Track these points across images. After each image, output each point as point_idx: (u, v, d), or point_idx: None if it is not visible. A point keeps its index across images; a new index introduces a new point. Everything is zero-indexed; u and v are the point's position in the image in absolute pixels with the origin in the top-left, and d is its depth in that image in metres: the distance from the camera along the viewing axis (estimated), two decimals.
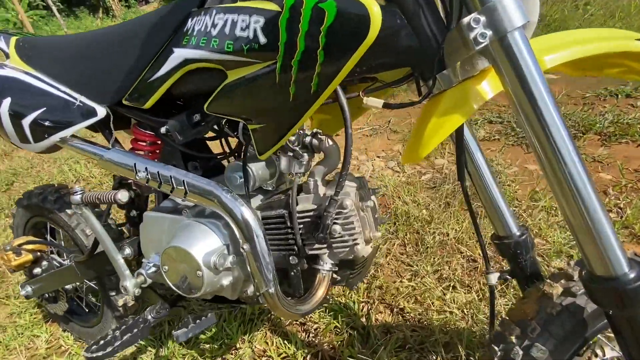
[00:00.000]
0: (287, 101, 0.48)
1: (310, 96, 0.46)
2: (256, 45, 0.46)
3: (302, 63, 0.44)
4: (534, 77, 0.40)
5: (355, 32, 0.41)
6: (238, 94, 0.51)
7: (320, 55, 0.43)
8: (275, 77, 0.46)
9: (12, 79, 0.76)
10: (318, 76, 0.44)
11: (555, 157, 0.41)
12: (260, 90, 0.49)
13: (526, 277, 0.65)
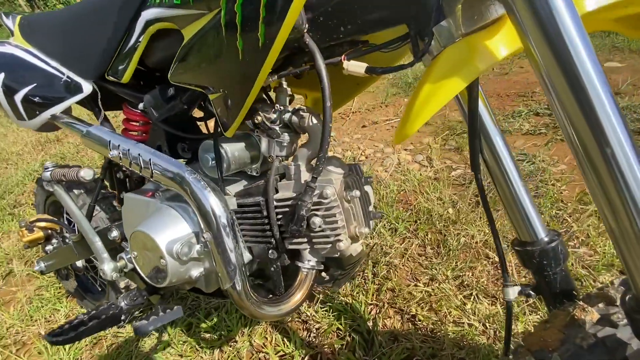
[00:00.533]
0: (237, 59, 0.40)
1: (259, 51, 0.38)
2: None
3: (245, 7, 0.36)
4: (569, 27, 0.28)
5: None
6: (193, 58, 0.45)
7: (262, 9, 0.34)
8: (222, 30, 0.39)
9: (9, 55, 0.75)
10: (264, 26, 0.36)
11: (598, 145, 0.29)
12: (209, 48, 0.42)
13: (554, 294, 0.52)
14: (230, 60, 0.41)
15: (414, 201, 1.54)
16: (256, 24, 0.36)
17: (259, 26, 0.36)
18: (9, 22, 0.86)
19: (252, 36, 0.37)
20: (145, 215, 0.60)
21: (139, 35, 0.52)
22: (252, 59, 0.39)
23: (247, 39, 0.38)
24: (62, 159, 3.17)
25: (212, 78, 0.46)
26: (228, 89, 0.45)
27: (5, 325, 1.36)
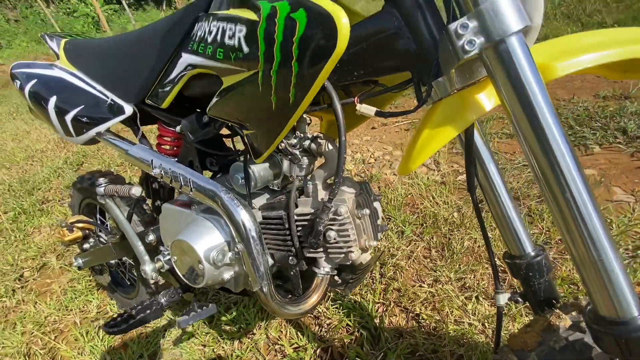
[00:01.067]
0: (271, 109, 0.48)
1: (289, 106, 0.46)
2: (241, 54, 0.47)
3: (279, 74, 0.44)
4: (534, 90, 0.35)
5: (324, 44, 0.39)
6: (231, 100, 0.53)
7: (294, 66, 0.42)
8: (259, 85, 0.47)
9: (59, 79, 0.85)
10: (294, 87, 0.44)
11: (558, 185, 0.37)
12: (247, 97, 0.50)
13: (539, 301, 0.59)
14: (264, 109, 0.49)
15: (420, 205, 1.61)
16: (288, 87, 0.44)
17: (291, 89, 0.44)
18: (53, 45, 0.96)
19: (284, 95, 0.45)
20: (183, 225, 0.69)
21: (180, 73, 0.61)
22: (283, 111, 0.47)
23: (279, 96, 0.46)
24: (83, 157, 3.32)
25: (247, 119, 0.54)
26: (261, 129, 0.53)
27: (43, 314, 1.49)
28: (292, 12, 0.40)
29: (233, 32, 0.46)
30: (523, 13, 0.34)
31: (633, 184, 1.53)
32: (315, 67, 0.41)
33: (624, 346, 0.37)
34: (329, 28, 0.38)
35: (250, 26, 0.44)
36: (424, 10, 0.43)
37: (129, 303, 1.34)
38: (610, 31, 0.45)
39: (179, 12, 0.65)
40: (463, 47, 0.36)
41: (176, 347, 1.20)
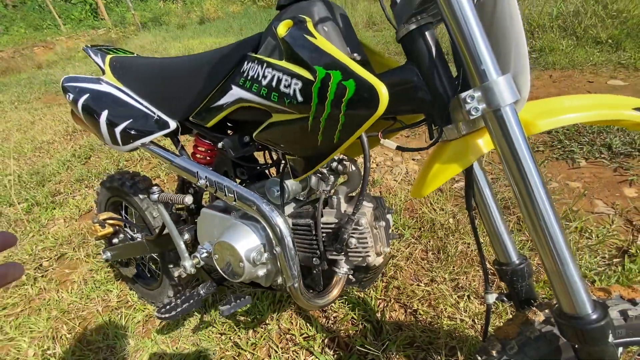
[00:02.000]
0: (316, 145, 0.60)
1: (333, 144, 0.58)
2: (295, 101, 0.58)
3: (328, 121, 0.56)
4: (521, 145, 0.48)
5: (367, 106, 0.51)
6: (279, 132, 0.64)
7: (341, 118, 0.54)
8: (308, 126, 0.58)
9: (109, 94, 0.96)
10: (339, 132, 0.56)
11: (534, 212, 0.49)
12: (296, 133, 0.62)
13: (521, 301, 0.72)
14: (310, 144, 0.61)
15: (419, 210, 1.74)
16: (334, 132, 0.56)
17: (336, 134, 0.56)
18: (98, 59, 1.07)
19: (329, 136, 0.57)
20: (222, 228, 0.81)
21: (229, 102, 0.72)
22: (326, 147, 0.59)
23: (325, 137, 0.58)
24: (90, 150, 3.39)
25: (292, 148, 0.66)
26: (304, 157, 0.65)
27: (66, 302, 1.60)
28: (343, 79, 0.51)
29: (289, 83, 0.57)
30: (514, 90, 0.46)
31: (614, 197, 1.68)
32: (358, 122, 0.53)
33: (581, 336, 0.50)
34: (373, 96, 0.50)
35: (306, 83, 0.55)
36: (440, 71, 0.55)
37: (149, 294, 1.45)
38: (586, 96, 0.57)
39: (227, 47, 0.76)
40: (469, 111, 0.48)
41: (195, 335, 1.32)
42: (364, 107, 0.52)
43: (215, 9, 12.61)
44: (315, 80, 0.54)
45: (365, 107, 0.51)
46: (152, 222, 1.22)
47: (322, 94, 0.54)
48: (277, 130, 0.65)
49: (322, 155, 0.61)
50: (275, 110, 0.62)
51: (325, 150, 0.60)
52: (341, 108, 0.53)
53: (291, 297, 1.37)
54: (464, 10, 0.46)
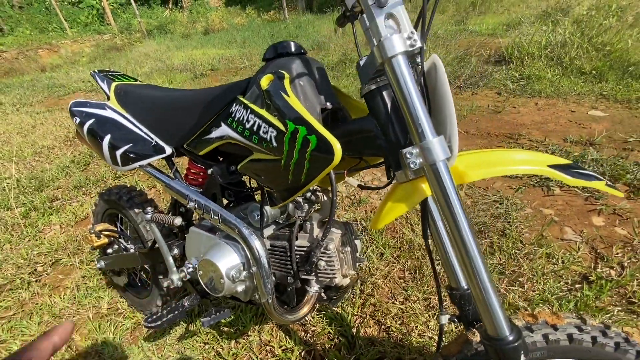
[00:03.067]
0: (287, 182, 0.70)
1: (300, 183, 0.68)
2: (270, 145, 0.68)
3: (296, 165, 0.66)
4: (451, 192, 0.57)
5: (326, 157, 0.62)
6: (258, 167, 0.74)
7: (306, 164, 0.64)
8: (281, 167, 0.68)
9: (112, 120, 1.06)
10: (305, 175, 0.66)
11: (462, 247, 0.59)
12: (271, 170, 0.72)
13: (468, 322, 0.81)
14: (283, 180, 0.71)
15: (400, 231, 1.83)
16: (300, 174, 0.66)
17: (302, 176, 0.66)
18: (104, 86, 1.17)
19: (298, 176, 0.67)
20: (207, 246, 0.90)
21: (219, 137, 0.82)
22: (296, 185, 0.69)
23: (295, 176, 0.68)
24: (90, 157, 3.47)
25: (269, 182, 0.76)
26: (279, 191, 0.75)
27: (58, 307, 1.66)
28: (308, 134, 0.62)
29: (266, 130, 0.68)
30: (446, 149, 0.57)
31: (582, 225, 1.78)
32: (319, 168, 0.63)
33: (500, 355, 0.59)
34: (329, 149, 0.61)
35: (279, 132, 0.66)
36: (395, 124, 0.66)
37: (139, 303, 1.53)
38: (510, 151, 0.67)
39: (220, 88, 0.87)
40: (409, 165, 0.58)
41: (180, 343, 1.39)
42: (323, 158, 0.62)
43: (220, 20, 12.91)
44: (286, 132, 0.65)
45: (324, 157, 0.62)
46: (145, 235, 1.31)
47: (292, 144, 0.65)
48: (256, 166, 0.75)
49: (293, 190, 0.71)
50: (255, 149, 0.73)
51: (295, 187, 0.70)
52: (306, 156, 0.63)
53: None
54: (406, 83, 0.57)
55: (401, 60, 0.57)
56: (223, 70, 6.54)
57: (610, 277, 1.44)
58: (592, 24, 4.22)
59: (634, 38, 3.79)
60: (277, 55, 0.76)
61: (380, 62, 0.58)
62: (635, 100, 3.10)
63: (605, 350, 0.65)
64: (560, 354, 0.67)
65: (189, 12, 17.20)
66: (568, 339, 0.66)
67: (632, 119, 2.84)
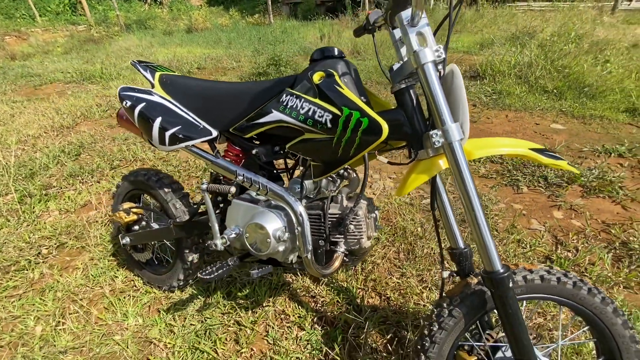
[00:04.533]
0: (336, 156, 0.89)
1: (348, 156, 0.87)
2: (324, 127, 0.87)
3: (347, 142, 0.85)
4: (464, 165, 0.79)
5: (375, 134, 0.82)
6: (309, 145, 0.93)
7: (357, 140, 0.84)
8: (332, 144, 0.88)
9: (162, 104, 1.20)
10: (354, 149, 0.85)
11: (470, 205, 0.80)
12: (322, 147, 0.90)
13: (465, 275, 1.04)
14: (332, 155, 0.89)
15: (393, 219, 2.06)
16: (350, 148, 0.85)
17: (352, 149, 0.85)
18: (147, 74, 1.31)
19: (347, 151, 0.86)
20: (251, 214, 1.06)
21: (270, 122, 0.99)
22: (344, 158, 0.87)
23: (344, 151, 0.87)
24: (80, 147, 3.46)
25: (317, 157, 0.94)
26: (325, 164, 0.94)
27: (73, 285, 1.73)
28: (361, 117, 0.82)
29: (322, 115, 0.86)
30: (461, 132, 0.79)
31: (545, 218, 2.09)
32: (368, 144, 0.83)
33: (495, 283, 0.81)
34: (379, 129, 0.81)
35: (335, 116, 0.85)
36: (417, 115, 0.87)
37: (157, 279, 1.64)
38: (504, 139, 0.90)
39: (268, 82, 1.05)
40: (434, 143, 0.79)
41: (200, 314, 1.52)
42: (373, 135, 0.82)
43: (204, 19, 12.84)
44: (342, 115, 0.84)
45: (374, 135, 0.82)
46: (174, 212, 1.44)
47: (345, 125, 0.84)
48: (307, 144, 0.93)
49: (339, 163, 0.90)
50: (309, 130, 0.91)
51: (342, 160, 0.89)
52: (358, 134, 0.83)
53: (285, 284, 1.62)
54: (434, 83, 0.78)
55: (431, 67, 0.78)
56: (211, 70, 6.59)
57: (568, 257, 1.73)
58: (554, 48, 4.75)
59: (589, 63, 4.31)
60: (324, 57, 0.95)
61: (415, 67, 0.79)
62: (589, 116, 3.57)
63: (566, 287, 0.89)
64: (534, 290, 0.90)
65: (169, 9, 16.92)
66: (540, 279, 0.89)
67: (586, 132, 3.28)
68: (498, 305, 0.83)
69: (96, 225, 2.20)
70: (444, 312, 0.91)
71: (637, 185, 2.30)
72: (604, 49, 4.83)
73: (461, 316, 0.90)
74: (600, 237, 1.89)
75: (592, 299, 0.89)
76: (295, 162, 1.17)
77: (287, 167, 1.22)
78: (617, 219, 2.03)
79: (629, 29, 6.62)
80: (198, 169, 2.88)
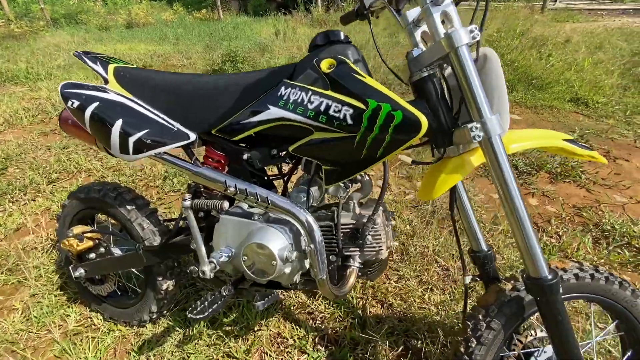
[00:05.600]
0: (358, 158, 0.75)
1: (374, 158, 0.74)
2: (344, 124, 0.72)
3: (374, 140, 0.71)
4: (505, 161, 0.70)
5: (410, 131, 0.69)
6: (321, 146, 0.77)
7: (387, 138, 0.70)
8: (354, 143, 0.73)
9: (121, 104, 0.96)
10: (383, 149, 0.72)
11: (511, 204, 0.71)
12: (338, 148, 0.76)
13: (489, 279, 0.96)
14: (353, 156, 0.75)
15: None
16: (378, 148, 0.71)
17: (380, 150, 0.71)
18: (98, 68, 1.05)
19: (374, 151, 0.72)
20: (249, 232, 0.88)
21: (267, 120, 0.82)
22: (369, 160, 0.74)
23: (370, 151, 0.73)
24: (6, 159, 2.92)
25: (333, 160, 0.79)
26: (342, 167, 0.79)
27: (10, 331, 1.39)
28: (392, 110, 0.68)
29: (339, 109, 0.71)
30: (502, 125, 0.69)
31: None
32: (400, 142, 0.70)
33: (541, 291, 0.73)
34: (416, 123, 0.68)
35: (357, 110, 0.70)
36: (442, 107, 0.76)
37: (123, 313, 1.37)
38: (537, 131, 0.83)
39: (260, 72, 0.87)
40: (474, 137, 0.68)
41: (181, 350, 1.29)
42: (407, 131, 0.69)
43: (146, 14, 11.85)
44: (367, 109, 0.70)
45: (409, 131, 0.69)
46: (141, 234, 1.20)
47: (372, 120, 0.70)
48: (319, 145, 0.78)
49: (361, 166, 0.76)
50: (321, 129, 0.76)
51: (365, 163, 0.75)
52: (388, 131, 0.70)
53: (276, 303, 1.45)
54: (470, 68, 0.67)
55: (466, 50, 0.67)
56: (159, 67, 6.06)
57: (553, 244, 1.77)
58: (501, 43, 5.04)
59: (534, 57, 4.63)
60: (329, 42, 0.80)
61: (447, 52, 0.68)
62: (540, 106, 3.81)
63: (599, 283, 0.84)
64: (570, 290, 0.84)
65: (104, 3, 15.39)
66: (575, 278, 0.83)
67: (540, 122, 3.49)
68: (545, 312, 0.75)
69: (35, 252, 1.83)
70: (480, 325, 0.82)
71: (595, 169, 2.46)
72: (543, 44, 5.24)
73: (500, 327, 0.81)
74: (575, 221, 1.97)
75: (624, 293, 0.85)
76: (292, 166, 1.01)
77: (282, 172, 1.05)
78: (585, 202, 2.14)
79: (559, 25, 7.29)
80: (157, 177, 2.56)
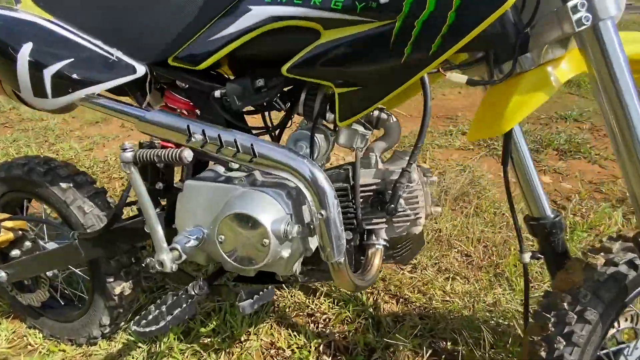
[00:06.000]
0: (398, 63, 0.48)
1: (427, 58, 0.47)
2: (374, 4, 0.46)
3: (427, 23, 0.45)
4: (620, 61, 0.45)
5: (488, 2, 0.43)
6: (333, 56, 0.50)
7: (450, 16, 0.44)
8: (390, 37, 0.47)
9: (31, 23, 0.66)
10: (442, 37, 0.45)
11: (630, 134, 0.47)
12: (364, 50, 0.49)
13: (556, 255, 0.71)
14: (388, 63, 0.49)
15: None
16: (434, 38, 0.45)
17: (437, 39, 0.45)
18: None
19: (425, 45, 0.46)
20: (226, 201, 0.60)
21: (248, 28, 0.54)
22: (416, 63, 0.48)
23: (417, 47, 0.46)
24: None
25: (354, 75, 0.52)
26: (369, 86, 0.52)
27: None
28: None
29: None
30: (618, 2, 0.44)
31: None
32: (476, 19, 0.44)
33: None
34: None
35: None
36: None
37: (66, 328, 1.06)
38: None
39: None
40: (579, 21, 0.44)
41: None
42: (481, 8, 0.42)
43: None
44: None
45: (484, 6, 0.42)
46: (81, 220, 0.89)
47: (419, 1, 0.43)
48: (329, 55, 0.50)
49: (403, 77, 0.50)
50: (333, 23, 0.49)
51: (411, 69, 0.49)
52: (453, 1, 0.43)
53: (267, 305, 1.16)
54: None
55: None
56: None
57: (577, 222, 1.57)
58: None
59: None
60: None
61: None
62: None
63: None
64: None
65: None
66: None
67: None
68: None
69: None
70: (569, 318, 0.57)
71: (603, 144, 2.32)
72: None
73: (597, 319, 0.57)
74: (597, 197, 1.79)
75: None
76: (285, 114, 0.72)
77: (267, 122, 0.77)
78: (602, 178, 1.97)
79: None
80: None
